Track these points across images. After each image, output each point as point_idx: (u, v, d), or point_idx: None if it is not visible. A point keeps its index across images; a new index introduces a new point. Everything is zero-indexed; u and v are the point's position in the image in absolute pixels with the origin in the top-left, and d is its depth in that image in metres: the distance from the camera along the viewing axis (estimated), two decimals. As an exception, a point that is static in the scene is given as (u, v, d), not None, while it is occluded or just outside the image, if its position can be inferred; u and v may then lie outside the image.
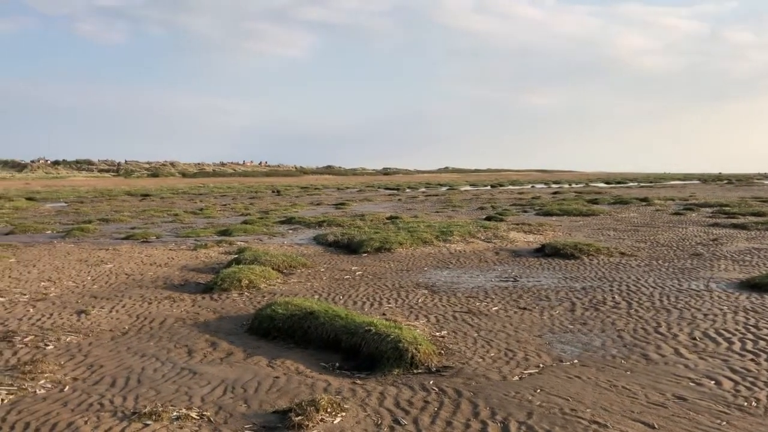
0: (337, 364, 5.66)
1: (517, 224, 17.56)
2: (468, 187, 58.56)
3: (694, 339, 6.26)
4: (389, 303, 8.08)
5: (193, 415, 4.37)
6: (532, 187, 60.75)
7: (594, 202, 29.01)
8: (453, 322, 7.06)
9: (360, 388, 4.96)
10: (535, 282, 9.43)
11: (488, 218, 19.85)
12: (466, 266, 10.98)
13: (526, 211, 24.13)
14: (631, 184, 65.12)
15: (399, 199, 35.68)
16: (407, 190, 51.63)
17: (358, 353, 5.82)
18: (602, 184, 65.23)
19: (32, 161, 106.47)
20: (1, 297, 8.49)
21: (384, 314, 7.34)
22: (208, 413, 4.42)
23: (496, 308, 7.71)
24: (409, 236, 13.80)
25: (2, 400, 4.70)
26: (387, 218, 20.36)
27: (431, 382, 5.07)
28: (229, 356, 5.89)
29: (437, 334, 6.52)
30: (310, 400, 4.50)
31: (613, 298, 8.23)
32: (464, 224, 16.57)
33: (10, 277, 10.06)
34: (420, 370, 5.36)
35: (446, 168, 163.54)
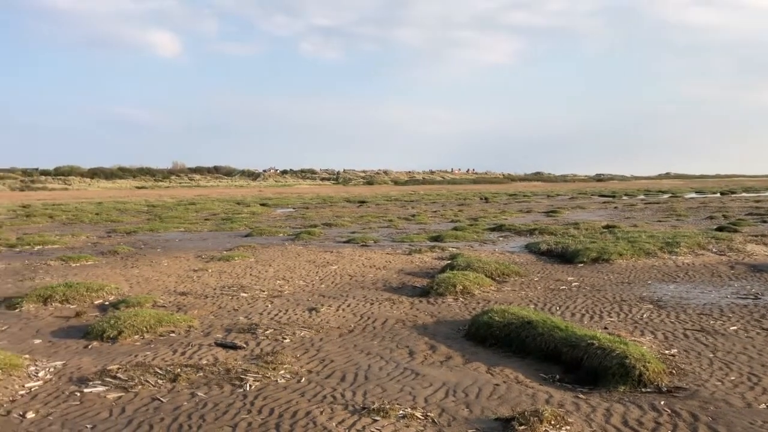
0: (558, 376, 5.52)
1: (756, 236, 15.80)
2: (693, 195, 53.96)
3: None
4: (610, 317, 7.71)
5: (418, 415, 4.52)
6: (771, 194, 54.27)
7: None
8: (684, 340, 6.55)
9: (584, 403, 4.79)
10: (780, 301, 8.41)
11: (720, 228, 18.12)
12: (696, 280, 10.12)
13: (765, 221, 21.64)
14: None
15: (615, 207, 33.91)
16: (623, 198, 48.91)
17: (579, 367, 5.63)
18: None
19: (264, 170, 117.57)
20: (245, 293, 9.48)
21: (605, 328, 7.02)
22: (432, 414, 4.55)
23: (734, 328, 7.01)
24: (629, 246, 13.06)
25: (250, 386, 5.25)
26: (603, 227, 19.44)
27: (662, 403, 4.75)
28: (448, 360, 6.01)
29: (666, 352, 6.09)
30: (533, 410, 4.44)
31: None
32: (692, 235, 15.28)
33: (251, 275, 11.20)
34: (649, 389, 5.05)
35: (667, 174, 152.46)
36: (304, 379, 5.44)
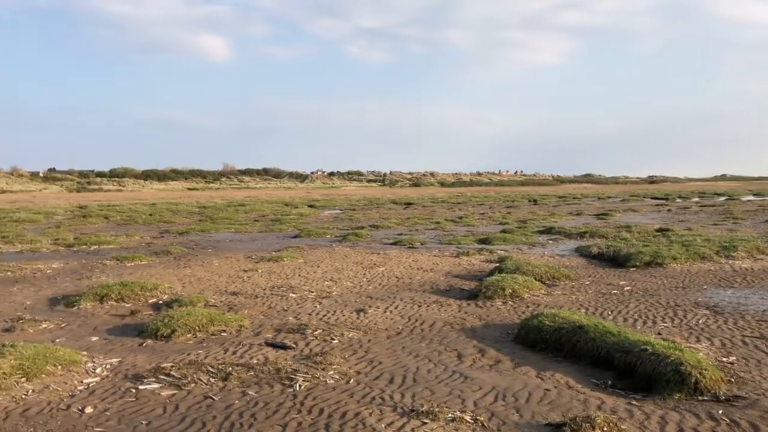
0: (610, 382, 5.41)
1: (818, 240, 15.19)
2: (751, 197, 52.22)
3: None
4: (664, 322, 7.52)
5: (467, 418, 4.50)
6: (834, 197, 52.09)
7: None
8: (743, 347, 6.34)
9: (637, 410, 4.69)
10: None
11: (779, 232, 17.50)
12: (756, 286, 9.79)
13: (828, 225, 20.81)
14: None
15: (668, 210, 33.07)
16: (677, 200, 47.67)
17: (632, 373, 5.51)
18: None
19: (312, 172, 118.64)
20: (294, 293, 9.59)
21: (659, 334, 6.85)
22: (482, 418, 4.51)
23: (796, 336, 6.75)
24: (683, 250, 12.72)
25: (300, 386, 5.30)
26: (656, 230, 19.01)
27: (720, 412, 4.61)
28: (498, 364, 5.96)
29: (724, 359, 5.91)
30: (584, 416, 4.37)
31: None
32: (750, 238, 14.81)
33: (299, 276, 11.32)
34: (705, 398, 4.90)
35: (723, 176, 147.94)
36: (352, 380, 5.47)
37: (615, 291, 9.60)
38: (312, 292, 9.75)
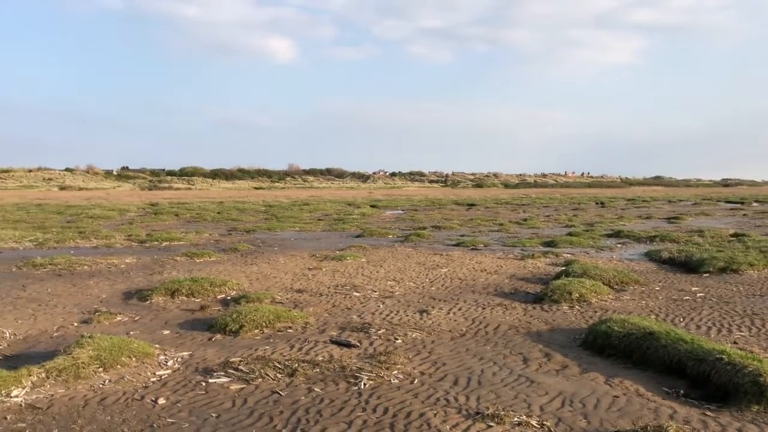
0: (682, 391, 5.24)
1: None
2: (834, 202, 49.54)
3: None
4: (740, 331, 7.23)
5: (534, 423, 4.43)
6: None
7: None
8: (826, 359, 6.02)
9: (712, 421, 4.52)
10: None
11: None
12: (840, 295, 9.29)
13: None
14: None
15: (744, 214, 31.72)
16: (754, 204, 45.67)
17: (706, 382, 5.32)
18: None
19: (374, 173, 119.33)
20: (357, 292, 9.66)
21: (735, 343, 6.59)
22: (548, 423, 4.44)
23: None
24: (761, 257, 12.18)
25: (364, 384, 5.34)
26: (731, 235, 18.28)
27: (802, 427, 4.39)
28: (564, 369, 5.85)
29: (806, 371, 5.63)
30: (656, 425, 4.25)
31: None
32: (834, 245, 14.05)
33: (362, 275, 11.40)
34: (787, 411, 4.68)
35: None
36: (417, 380, 5.47)
37: (687, 297, 9.29)
38: (375, 291, 9.81)
